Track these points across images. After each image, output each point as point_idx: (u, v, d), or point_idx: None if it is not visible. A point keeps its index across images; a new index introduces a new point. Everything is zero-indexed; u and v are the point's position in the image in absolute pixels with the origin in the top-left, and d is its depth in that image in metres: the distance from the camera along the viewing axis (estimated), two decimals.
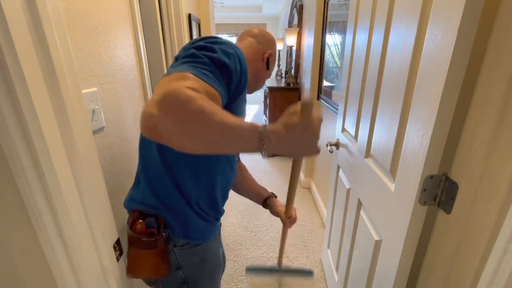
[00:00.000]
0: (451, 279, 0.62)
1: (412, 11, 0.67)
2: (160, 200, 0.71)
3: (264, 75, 0.87)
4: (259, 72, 0.85)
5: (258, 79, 0.87)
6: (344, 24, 1.75)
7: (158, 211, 0.71)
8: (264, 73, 0.87)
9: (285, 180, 2.95)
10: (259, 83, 0.88)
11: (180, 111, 0.45)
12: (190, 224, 0.74)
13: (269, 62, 0.86)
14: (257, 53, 0.83)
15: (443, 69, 0.54)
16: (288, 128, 0.48)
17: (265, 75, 0.88)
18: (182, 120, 0.45)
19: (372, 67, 0.92)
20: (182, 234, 0.73)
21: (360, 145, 1.04)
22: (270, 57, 0.85)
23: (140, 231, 0.70)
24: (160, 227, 0.70)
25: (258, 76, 0.85)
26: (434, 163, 0.61)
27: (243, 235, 2.07)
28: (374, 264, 0.90)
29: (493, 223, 0.50)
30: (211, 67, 0.56)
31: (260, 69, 0.85)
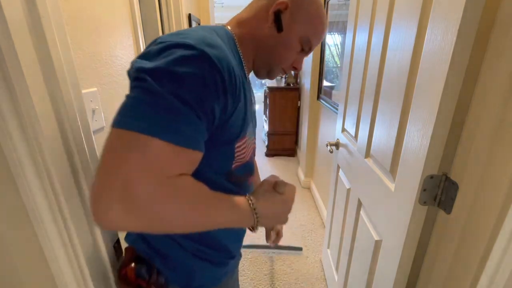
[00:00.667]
0: (451, 279, 0.62)
1: (412, 11, 0.67)
2: (146, 243, 0.58)
3: (272, 44, 0.56)
4: (261, 40, 0.56)
5: (265, 53, 0.57)
6: (344, 24, 1.75)
7: (150, 257, 0.57)
8: (271, 40, 0.55)
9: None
10: (268, 58, 0.59)
11: (140, 218, 0.36)
12: (191, 270, 0.59)
13: (280, 18, 0.53)
14: (260, 12, 0.55)
15: (443, 69, 0.54)
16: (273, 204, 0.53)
17: (276, 44, 0.56)
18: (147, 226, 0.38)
19: (372, 67, 0.92)
20: (182, 283, 0.59)
21: (360, 145, 1.04)
22: (281, 10, 0.53)
23: (128, 280, 0.56)
24: (152, 276, 0.56)
25: (261, 47, 0.57)
26: (434, 163, 0.61)
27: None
28: (374, 264, 0.90)
29: (493, 223, 0.50)
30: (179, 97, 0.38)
31: (263, 35, 0.55)
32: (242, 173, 0.61)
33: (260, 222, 0.50)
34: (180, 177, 0.40)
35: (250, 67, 0.61)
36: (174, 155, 0.38)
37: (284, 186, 0.56)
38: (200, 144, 0.42)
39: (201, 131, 0.42)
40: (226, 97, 0.43)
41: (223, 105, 0.44)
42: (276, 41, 0.56)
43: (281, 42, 0.56)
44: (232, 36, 0.55)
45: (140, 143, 0.36)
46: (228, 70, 0.43)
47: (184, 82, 0.38)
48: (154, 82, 0.37)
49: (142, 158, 0.35)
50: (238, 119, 0.50)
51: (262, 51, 0.58)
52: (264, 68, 0.61)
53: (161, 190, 0.37)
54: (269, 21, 0.54)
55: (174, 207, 0.39)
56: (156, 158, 0.36)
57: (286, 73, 0.65)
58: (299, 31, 0.56)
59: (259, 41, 0.57)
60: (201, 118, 0.40)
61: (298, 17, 0.55)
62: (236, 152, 0.54)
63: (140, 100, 0.38)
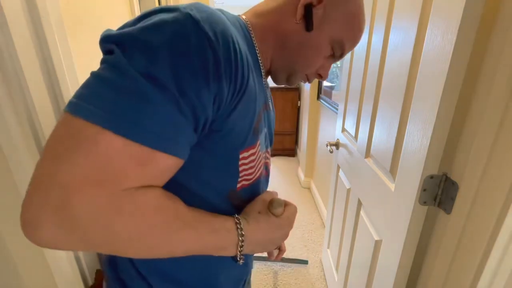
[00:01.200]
0: (451, 279, 0.62)
1: (412, 11, 0.67)
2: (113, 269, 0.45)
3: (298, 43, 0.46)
4: (286, 36, 0.46)
5: (288, 53, 0.48)
6: None
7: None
8: (297, 38, 0.46)
9: (284, 180, 2.95)
10: (291, 60, 0.49)
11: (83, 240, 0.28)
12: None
13: (311, 14, 0.44)
14: (287, 3, 0.45)
15: (443, 69, 0.54)
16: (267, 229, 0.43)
17: (303, 45, 0.47)
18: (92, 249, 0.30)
19: (372, 67, 0.92)
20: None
21: (360, 145, 1.04)
22: (314, 4, 0.43)
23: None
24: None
25: (284, 44, 0.47)
26: (434, 163, 0.61)
27: None
28: (374, 264, 0.90)
29: (493, 223, 0.50)
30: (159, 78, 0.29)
31: (288, 30, 0.46)
32: (250, 196, 0.47)
33: (245, 249, 0.40)
34: (143, 191, 0.30)
35: (267, 67, 0.50)
36: (135, 159, 0.28)
37: (281, 207, 0.46)
38: (178, 147, 0.31)
39: (181, 128, 0.31)
40: (221, 84, 0.32)
41: (215, 95, 0.32)
42: (303, 40, 0.46)
43: (309, 42, 0.46)
44: (246, 25, 0.45)
45: (88, 137, 0.26)
46: (227, 48, 0.32)
47: (158, 56, 0.28)
48: (121, 54, 0.28)
49: (88, 158, 0.26)
50: (242, 120, 0.38)
51: (285, 50, 0.47)
52: (285, 72, 0.51)
53: (111, 208, 0.28)
54: (297, 16, 0.44)
55: (131, 230, 0.30)
56: (108, 160, 0.27)
57: (309, 80, 0.53)
58: (332, 32, 0.46)
59: (282, 36, 0.46)
60: (183, 110, 0.30)
61: (333, 15, 0.45)
62: (241, 166, 0.42)
63: (101, 79, 0.28)
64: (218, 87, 0.32)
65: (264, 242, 0.44)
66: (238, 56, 0.33)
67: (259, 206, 0.45)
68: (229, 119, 0.36)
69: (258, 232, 0.42)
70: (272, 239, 0.45)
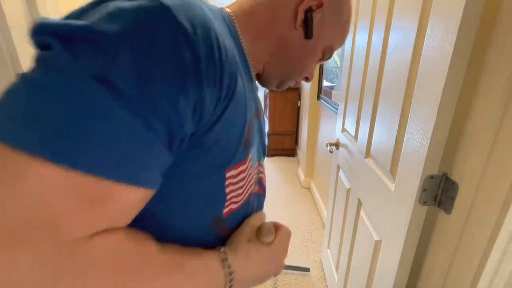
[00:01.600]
0: (451, 279, 0.62)
1: (412, 11, 0.67)
2: None
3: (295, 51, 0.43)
4: (285, 43, 0.42)
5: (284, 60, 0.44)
6: None
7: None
8: (295, 45, 0.42)
9: (284, 180, 2.95)
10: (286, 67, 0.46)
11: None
12: None
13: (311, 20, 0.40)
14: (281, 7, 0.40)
15: (443, 69, 0.54)
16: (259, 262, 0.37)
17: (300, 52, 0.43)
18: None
19: (372, 67, 0.92)
20: None
21: (360, 145, 1.04)
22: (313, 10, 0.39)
23: None
24: None
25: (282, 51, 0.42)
26: (434, 163, 0.61)
27: None
28: (374, 264, 0.90)
29: (493, 223, 0.50)
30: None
31: (288, 37, 0.41)
32: (239, 222, 0.40)
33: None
34: (98, 240, 0.22)
35: (258, 71, 0.45)
36: (83, 196, 0.20)
37: (272, 234, 0.40)
38: (146, 174, 0.24)
39: (149, 148, 0.23)
40: (202, 89, 0.25)
41: (195, 102, 0.25)
42: (301, 47, 0.42)
43: (307, 50, 0.43)
44: (230, 19, 0.38)
45: (11, 170, 0.19)
46: (209, 44, 0.25)
47: (117, 53, 0.21)
48: (64, 50, 0.21)
49: (10, 201, 0.18)
50: (229, 133, 0.32)
51: (282, 56, 0.43)
52: (278, 78, 0.47)
53: (47, 272, 0.20)
54: (298, 22, 0.40)
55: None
56: (40, 202, 0.19)
57: (297, 84, 0.53)
58: (327, 38, 0.44)
59: (281, 41, 0.41)
60: (152, 124, 0.23)
61: (330, 21, 0.42)
62: (228, 187, 0.35)
63: (33, 85, 0.20)
64: (198, 93, 0.25)
65: (257, 277, 0.38)
66: (223, 54, 0.27)
67: (248, 233, 0.39)
68: (213, 131, 0.29)
69: (249, 267, 0.36)
70: (266, 271, 0.39)
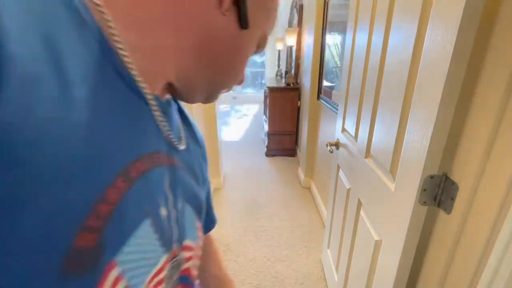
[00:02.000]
0: (451, 279, 0.62)
1: (412, 11, 0.67)
2: None
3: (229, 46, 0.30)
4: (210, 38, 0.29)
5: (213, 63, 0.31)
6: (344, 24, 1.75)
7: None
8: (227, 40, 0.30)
9: (284, 180, 2.95)
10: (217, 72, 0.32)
11: None
12: None
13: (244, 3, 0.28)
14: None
15: (443, 69, 0.54)
16: None
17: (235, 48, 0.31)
18: None
19: (372, 67, 0.92)
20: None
21: (360, 145, 1.04)
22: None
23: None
24: None
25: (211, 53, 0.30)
26: (434, 163, 0.61)
27: (243, 235, 2.07)
28: (374, 264, 0.90)
29: (493, 223, 0.50)
30: None
31: (214, 29, 0.28)
32: None
33: None
34: None
35: (161, 84, 0.29)
36: None
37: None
38: None
39: None
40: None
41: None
42: (234, 42, 0.30)
43: (242, 44, 0.31)
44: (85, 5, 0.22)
45: None
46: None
47: None
48: None
49: None
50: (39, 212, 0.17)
51: (206, 55, 0.29)
52: (204, 87, 0.32)
53: None
54: (225, 3, 0.27)
55: None
56: None
57: (229, 90, 0.36)
58: (262, 23, 0.32)
59: (203, 35, 0.28)
60: None
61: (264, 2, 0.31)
62: None
63: None
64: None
65: None
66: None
67: None
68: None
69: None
70: None
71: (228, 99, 8.10)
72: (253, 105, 7.59)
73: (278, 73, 4.97)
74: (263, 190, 2.73)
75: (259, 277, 1.69)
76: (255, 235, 2.08)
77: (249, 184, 2.87)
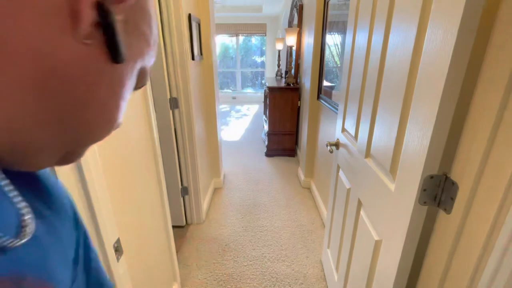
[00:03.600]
0: (451, 279, 0.62)
1: (412, 11, 0.67)
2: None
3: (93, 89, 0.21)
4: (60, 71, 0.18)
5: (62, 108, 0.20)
6: (344, 24, 1.75)
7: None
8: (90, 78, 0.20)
9: (284, 180, 2.95)
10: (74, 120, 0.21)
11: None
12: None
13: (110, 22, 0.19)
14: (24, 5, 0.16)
15: (443, 69, 0.54)
16: None
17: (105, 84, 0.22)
18: None
19: (372, 67, 0.92)
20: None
21: (360, 145, 1.04)
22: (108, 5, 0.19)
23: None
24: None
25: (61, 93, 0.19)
26: (434, 163, 0.61)
27: (243, 235, 2.07)
28: (374, 264, 0.90)
29: (493, 223, 0.51)
30: None
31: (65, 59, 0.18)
32: None
33: None
34: None
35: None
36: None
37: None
38: None
39: None
40: None
41: None
42: (103, 80, 0.22)
43: (114, 82, 0.23)
44: None
45: None
46: None
47: None
48: None
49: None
50: None
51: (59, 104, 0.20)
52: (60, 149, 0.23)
53: None
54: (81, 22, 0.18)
55: None
56: None
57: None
58: (139, 55, 0.24)
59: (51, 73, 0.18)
60: None
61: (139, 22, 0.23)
62: None
63: None
64: None
65: None
66: None
67: None
68: None
69: None
70: None
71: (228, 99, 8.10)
72: (253, 105, 7.59)
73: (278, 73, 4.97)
74: (263, 190, 2.73)
75: (259, 277, 1.69)
76: (255, 235, 2.08)
77: (249, 184, 2.87)
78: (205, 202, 2.33)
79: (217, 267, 1.76)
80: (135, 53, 0.24)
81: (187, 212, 2.16)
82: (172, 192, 1.95)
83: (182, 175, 2.03)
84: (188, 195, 2.09)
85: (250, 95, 8.14)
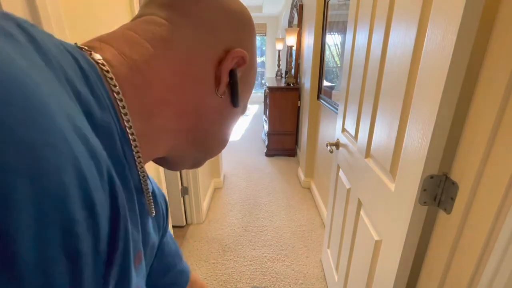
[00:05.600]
0: (451, 279, 0.62)
1: (412, 11, 0.67)
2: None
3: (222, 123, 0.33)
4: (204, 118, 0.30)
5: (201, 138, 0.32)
6: (344, 24, 1.75)
7: None
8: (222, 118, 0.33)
9: (284, 180, 2.95)
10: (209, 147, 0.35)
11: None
12: None
13: (236, 81, 0.30)
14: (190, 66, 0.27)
15: (443, 69, 0.54)
16: None
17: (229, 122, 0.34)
18: None
19: (372, 67, 0.92)
20: None
21: (360, 145, 1.04)
22: (240, 65, 0.30)
23: None
24: None
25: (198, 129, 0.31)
26: (434, 163, 0.61)
27: (243, 235, 2.07)
28: (374, 264, 0.90)
29: (493, 223, 0.50)
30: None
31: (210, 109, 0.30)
32: None
33: None
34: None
35: (157, 155, 0.30)
36: None
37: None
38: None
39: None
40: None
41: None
42: (227, 118, 0.33)
43: (233, 118, 0.34)
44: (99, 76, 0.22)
45: None
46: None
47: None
48: None
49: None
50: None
51: (199, 133, 0.31)
52: (192, 159, 0.35)
53: None
54: (221, 86, 0.29)
55: None
56: None
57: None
58: (247, 98, 0.36)
59: (197, 112, 0.29)
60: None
61: (248, 77, 0.34)
62: None
63: None
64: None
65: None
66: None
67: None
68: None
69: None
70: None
71: None
72: (253, 105, 7.59)
73: (278, 73, 4.97)
74: (263, 190, 2.73)
75: (259, 277, 1.69)
76: (255, 235, 2.08)
77: (249, 184, 2.87)
78: (205, 202, 2.33)
79: (217, 267, 1.76)
80: (246, 98, 0.35)
81: (187, 212, 2.16)
82: (172, 192, 1.95)
83: (182, 175, 2.03)
84: (188, 195, 2.09)
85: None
